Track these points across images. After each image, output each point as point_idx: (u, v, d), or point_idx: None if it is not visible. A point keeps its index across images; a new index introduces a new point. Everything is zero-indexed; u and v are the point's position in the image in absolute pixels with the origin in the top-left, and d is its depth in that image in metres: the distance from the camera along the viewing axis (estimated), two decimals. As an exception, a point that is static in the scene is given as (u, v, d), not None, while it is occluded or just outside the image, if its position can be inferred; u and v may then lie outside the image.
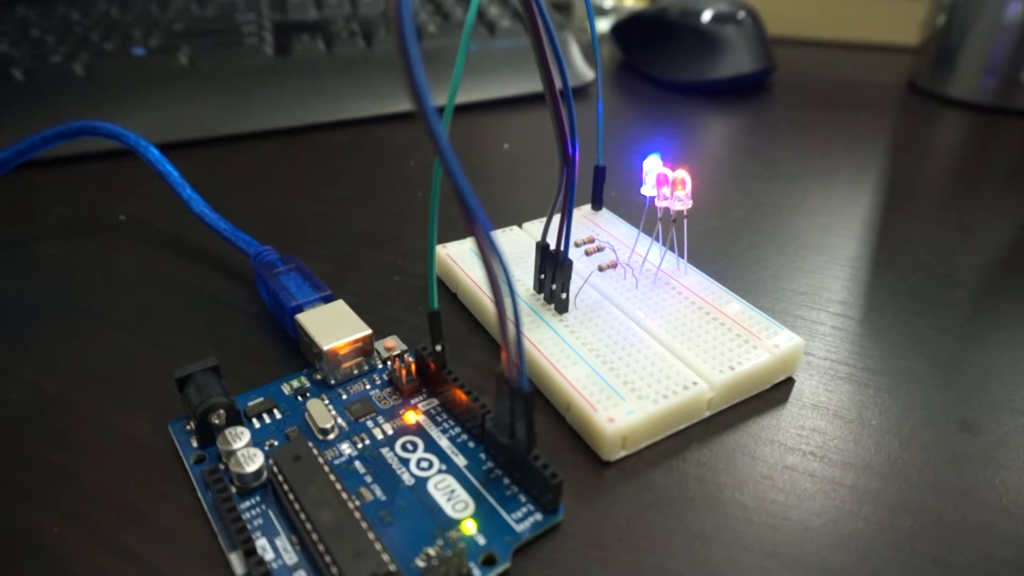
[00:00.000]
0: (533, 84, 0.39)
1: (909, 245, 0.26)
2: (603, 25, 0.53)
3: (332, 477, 0.15)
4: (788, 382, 0.19)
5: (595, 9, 0.54)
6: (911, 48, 0.43)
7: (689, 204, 0.20)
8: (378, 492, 0.16)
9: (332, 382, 0.19)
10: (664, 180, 0.20)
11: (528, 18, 0.16)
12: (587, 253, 0.22)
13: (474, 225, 0.12)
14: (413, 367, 0.19)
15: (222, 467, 0.16)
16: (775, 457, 0.17)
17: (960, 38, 0.39)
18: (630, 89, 0.42)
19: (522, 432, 0.15)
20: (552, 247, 0.20)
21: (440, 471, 0.16)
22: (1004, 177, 0.31)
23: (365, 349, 0.19)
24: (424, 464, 0.17)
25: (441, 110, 0.15)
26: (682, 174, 0.20)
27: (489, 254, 0.13)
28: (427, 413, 0.18)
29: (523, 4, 0.16)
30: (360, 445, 0.17)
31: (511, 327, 0.14)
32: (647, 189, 0.21)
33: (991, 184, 0.30)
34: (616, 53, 0.47)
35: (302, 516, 0.15)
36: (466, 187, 0.12)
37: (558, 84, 0.17)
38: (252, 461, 0.16)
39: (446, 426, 0.18)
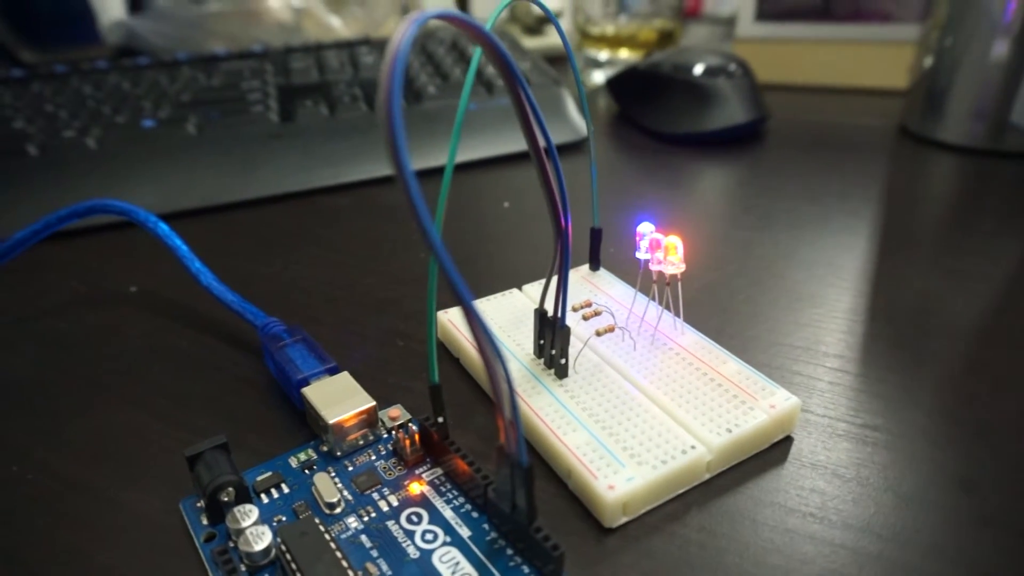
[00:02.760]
0: (531, 141, 0.40)
1: (904, 295, 0.26)
2: (599, 77, 0.54)
3: (339, 554, 0.16)
4: (786, 441, 0.20)
5: (590, 62, 0.55)
6: (901, 92, 0.44)
7: (682, 268, 0.21)
8: (384, 567, 0.16)
9: (338, 453, 0.19)
10: (657, 245, 0.21)
11: (515, 100, 0.17)
12: (584, 318, 0.23)
13: (466, 311, 0.13)
14: (417, 438, 0.19)
15: (231, 545, 0.16)
16: (775, 520, 0.17)
17: (948, 82, 0.39)
18: (626, 141, 0.43)
19: (523, 503, 0.16)
20: (550, 313, 0.20)
21: (445, 543, 0.17)
22: (996, 221, 0.32)
23: (370, 420, 0.19)
24: (429, 536, 0.17)
25: (442, 170, 0.15)
26: (674, 240, 0.20)
27: (481, 337, 0.13)
28: (431, 483, 0.18)
29: (508, 87, 0.16)
30: (366, 518, 0.17)
31: (507, 403, 0.14)
32: (641, 253, 0.21)
33: (984, 229, 0.31)
34: (612, 105, 0.48)
35: (309, 595, 0.15)
36: (456, 274, 0.12)
37: (545, 153, 0.18)
38: (260, 540, 0.16)
39: (450, 496, 0.18)
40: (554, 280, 0.20)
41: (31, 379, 0.24)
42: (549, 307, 0.20)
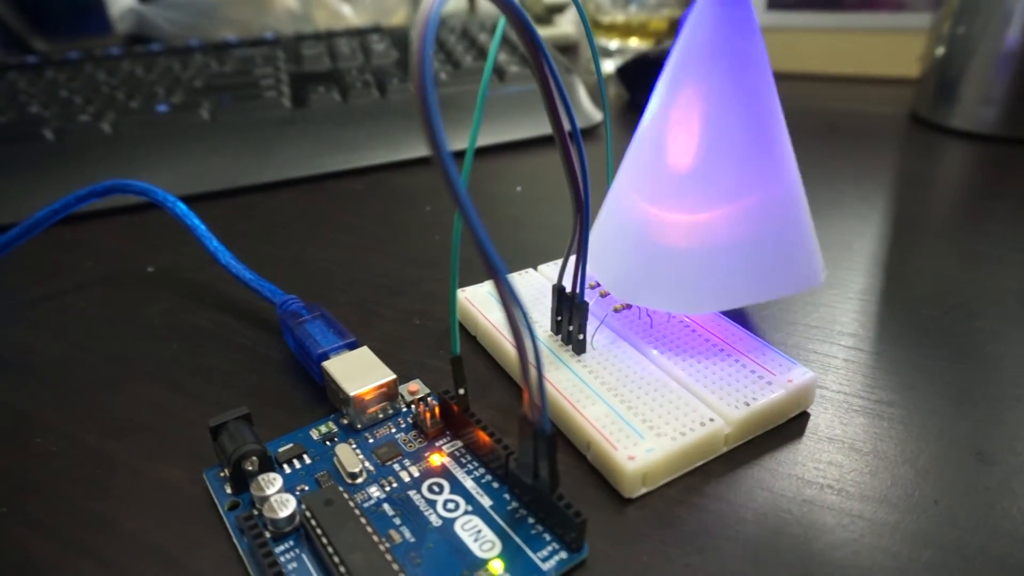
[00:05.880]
0: (543, 127, 0.40)
1: (918, 276, 0.26)
2: (608, 66, 0.54)
3: (363, 520, 0.16)
4: (803, 416, 0.20)
5: (600, 51, 0.55)
6: (912, 80, 0.44)
7: (699, 245, 0.21)
8: (407, 534, 0.16)
9: (359, 426, 0.19)
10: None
11: (538, 74, 0.17)
12: (602, 295, 0.23)
13: (497, 279, 0.13)
14: (437, 410, 0.19)
15: (256, 513, 0.17)
16: (793, 491, 0.17)
17: (959, 69, 0.39)
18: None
19: (545, 473, 0.16)
20: (568, 290, 0.20)
21: (466, 512, 0.17)
22: (1009, 206, 0.32)
23: (390, 394, 0.20)
24: (451, 505, 0.17)
25: (460, 155, 0.16)
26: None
27: (510, 303, 0.13)
28: (452, 455, 0.19)
29: (532, 60, 0.17)
30: (388, 488, 0.18)
31: (533, 371, 0.14)
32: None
33: (996, 214, 0.31)
34: (622, 93, 0.48)
35: (335, 559, 0.15)
36: (488, 243, 0.12)
37: (567, 129, 0.18)
38: (285, 507, 0.16)
39: (471, 467, 0.18)
40: (572, 256, 0.20)
41: (54, 356, 0.24)
42: (567, 284, 0.21)
